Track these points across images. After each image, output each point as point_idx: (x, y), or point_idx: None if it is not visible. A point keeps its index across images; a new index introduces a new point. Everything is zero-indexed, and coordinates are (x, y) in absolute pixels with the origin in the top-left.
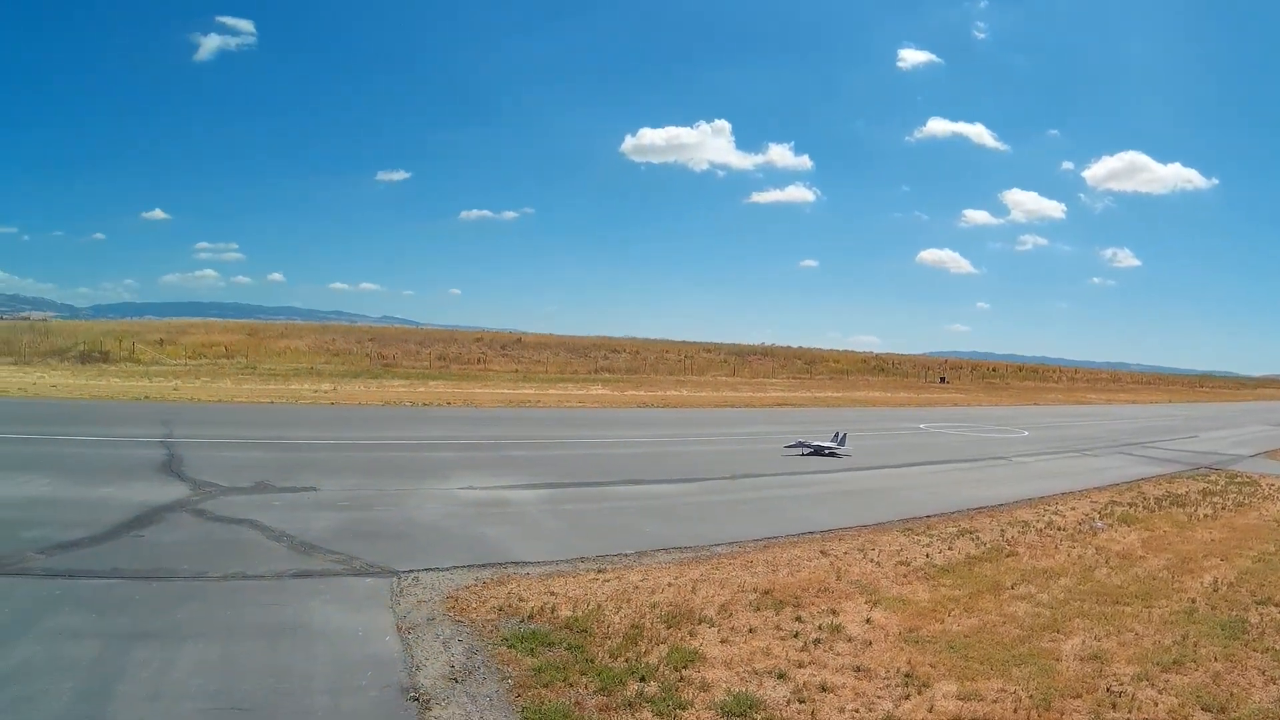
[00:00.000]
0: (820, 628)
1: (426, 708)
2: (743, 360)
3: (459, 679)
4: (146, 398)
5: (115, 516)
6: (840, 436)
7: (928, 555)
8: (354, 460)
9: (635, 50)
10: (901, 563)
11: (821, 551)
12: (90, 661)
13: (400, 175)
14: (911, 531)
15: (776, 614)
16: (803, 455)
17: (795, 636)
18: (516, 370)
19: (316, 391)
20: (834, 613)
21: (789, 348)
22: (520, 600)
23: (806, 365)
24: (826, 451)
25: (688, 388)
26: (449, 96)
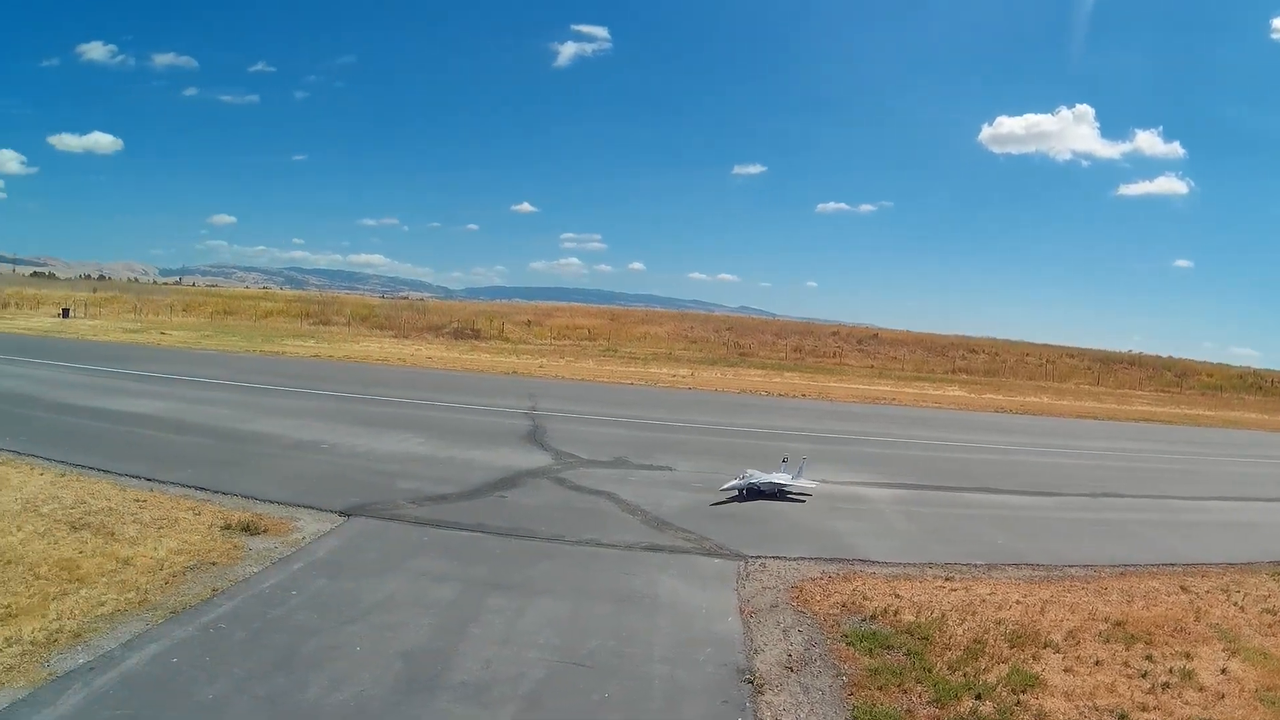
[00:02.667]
0: (1170, 671)
1: (760, 692)
2: (1107, 368)
3: (795, 668)
4: (514, 373)
5: (482, 477)
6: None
7: None
8: (709, 444)
9: (991, 34)
10: (1268, 610)
11: (1182, 587)
12: (448, 603)
13: (756, 169)
14: None
15: (1126, 649)
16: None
17: (1143, 676)
18: (871, 366)
19: (674, 376)
20: (1187, 656)
21: (1157, 357)
22: (864, 599)
23: (1176, 378)
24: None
25: (1048, 395)
26: (803, 90)
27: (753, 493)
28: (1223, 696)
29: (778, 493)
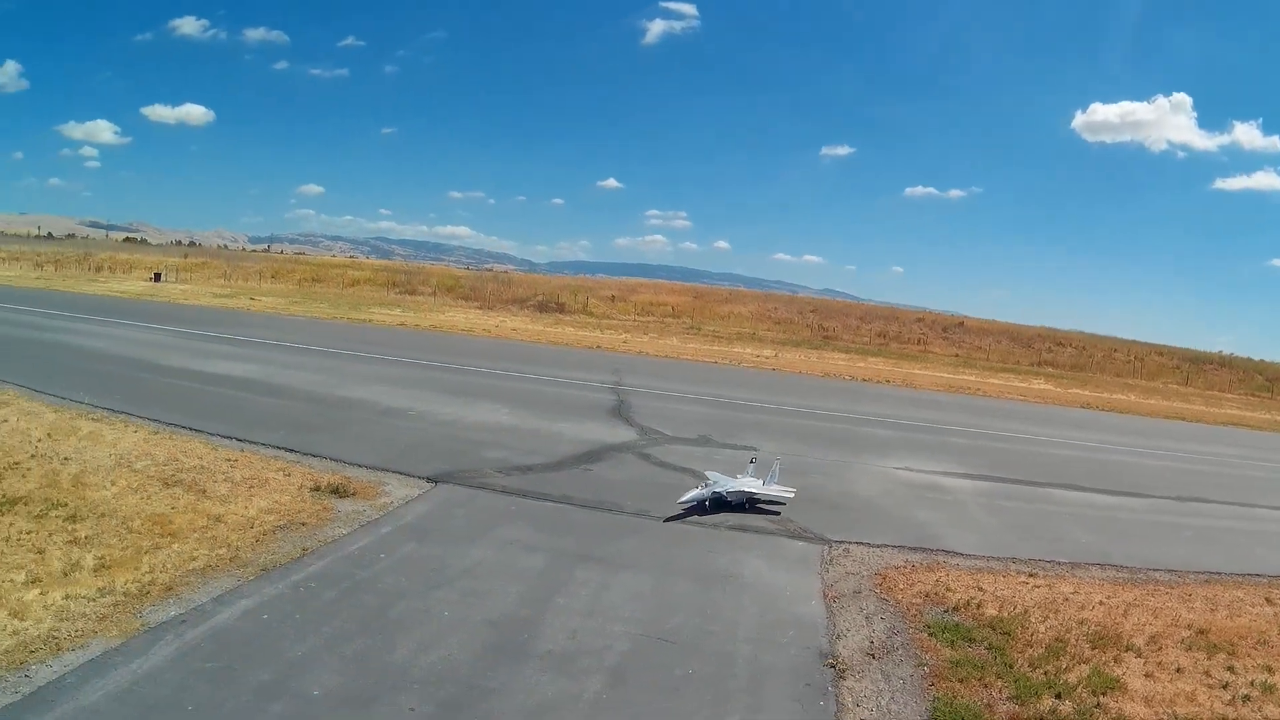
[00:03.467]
0: (1252, 684)
1: (842, 677)
2: (1196, 369)
3: (877, 656)
4: (598, 347)
5: (568, 449)
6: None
7: None
8: (793, 426)
9: (1087, 19)
10: None
11: (1267, 599)
12: (535, 572)
13: (844, 150)
14: None
15: (1208, 658)
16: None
17: (1224, 688)
18: (957, 355)
19: (758, 356)
20: (1269, 670)
21: (1249, 360)
22: (947, 590)
23: (1268, 382)
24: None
25: (1135, 393)
26: (893, 71)
27: (717, 503)
28: None
29: (746, 503)
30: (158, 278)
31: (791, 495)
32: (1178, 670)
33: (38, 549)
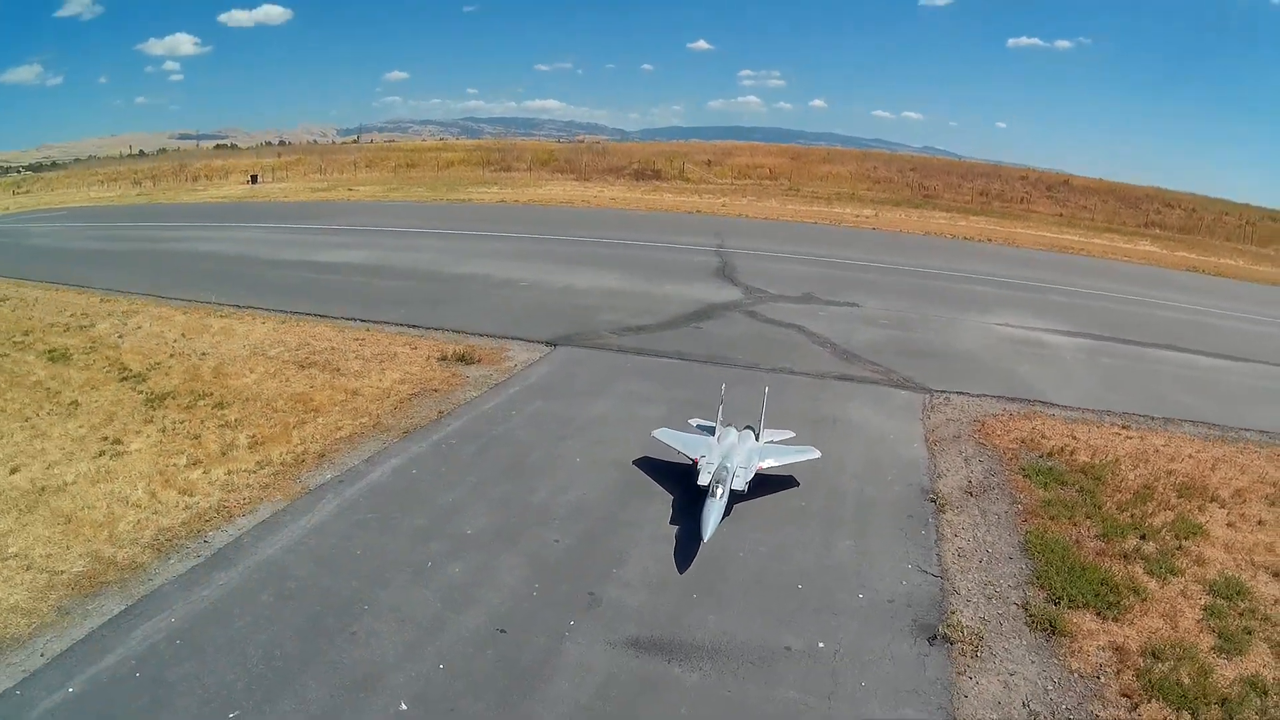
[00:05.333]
0: None
1: (941, 510)
2: None
3: (974, 494)
4: (697, 212)
5: (677, 309)
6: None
7: None
8: (895, 284)
9: None
10: None
11: None
12: (655, 420)
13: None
14: None
15: None
16: None
17: None
18: (1060, 214)
19: (858, 217)
20: None
21: None
22: (1042, 437)
23: None
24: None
25: (1245, 258)
26: None
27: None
28: None
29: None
30: (254, 180)
31: (809, 459)
32: (1259, 523)
33: (193, 435)
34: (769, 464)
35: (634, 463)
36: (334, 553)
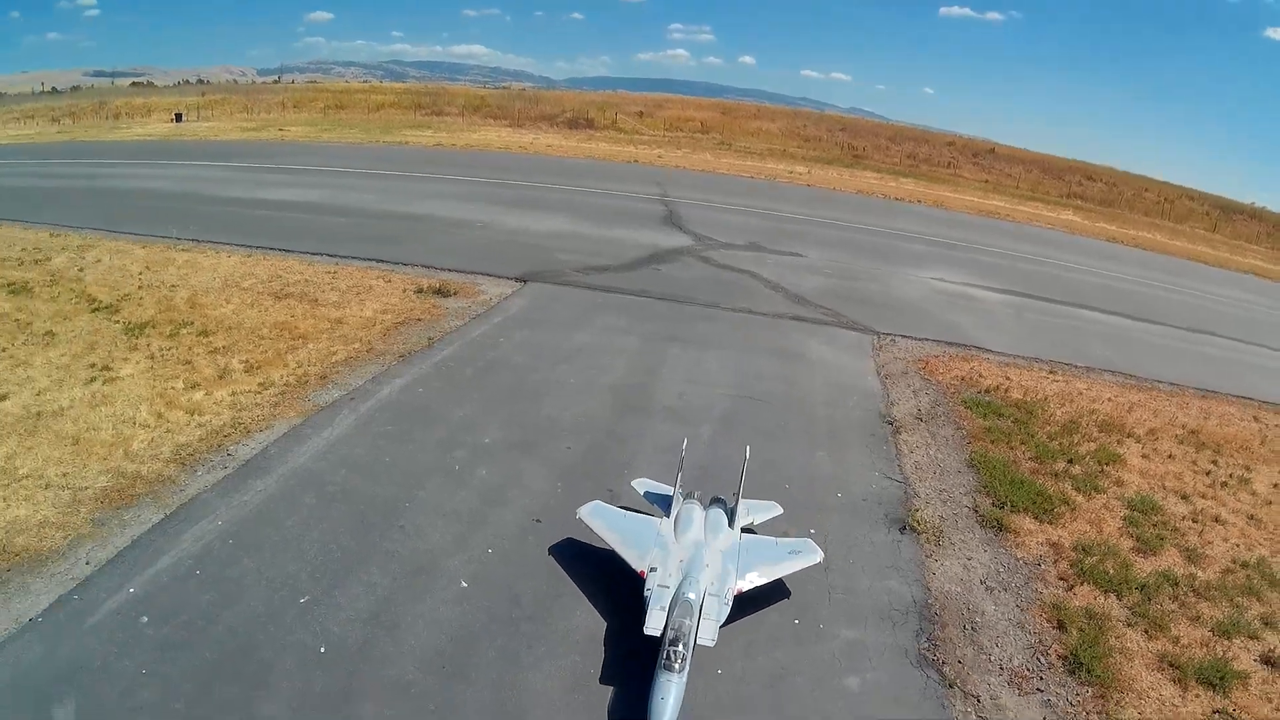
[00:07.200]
0: (1231, 476)
1: (897, 432)
2: (1226, 217)
3: (923, 419)
4: (636, 161)
5: (634, 253)
6: None
7: None
8: (835, 238)
9: None
10: None
11: (1255, 417)
12: (635, 350)
13: None
14: None
15: (1196, 452)
16: None
17: (1207, 474)
18: (986, 181)
19: (791, 173)
20: (1247, 469)
21: None
22: (980, 376)
23: None
24: None
25: (1162, 233)
26: None
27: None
28: (1271, 503)
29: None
30: (179, 118)
31: (818, 558)
32: (1170, 456)
33: (184, 360)
34: (753, 581)
35: (625, 386)
36: (365, 460)
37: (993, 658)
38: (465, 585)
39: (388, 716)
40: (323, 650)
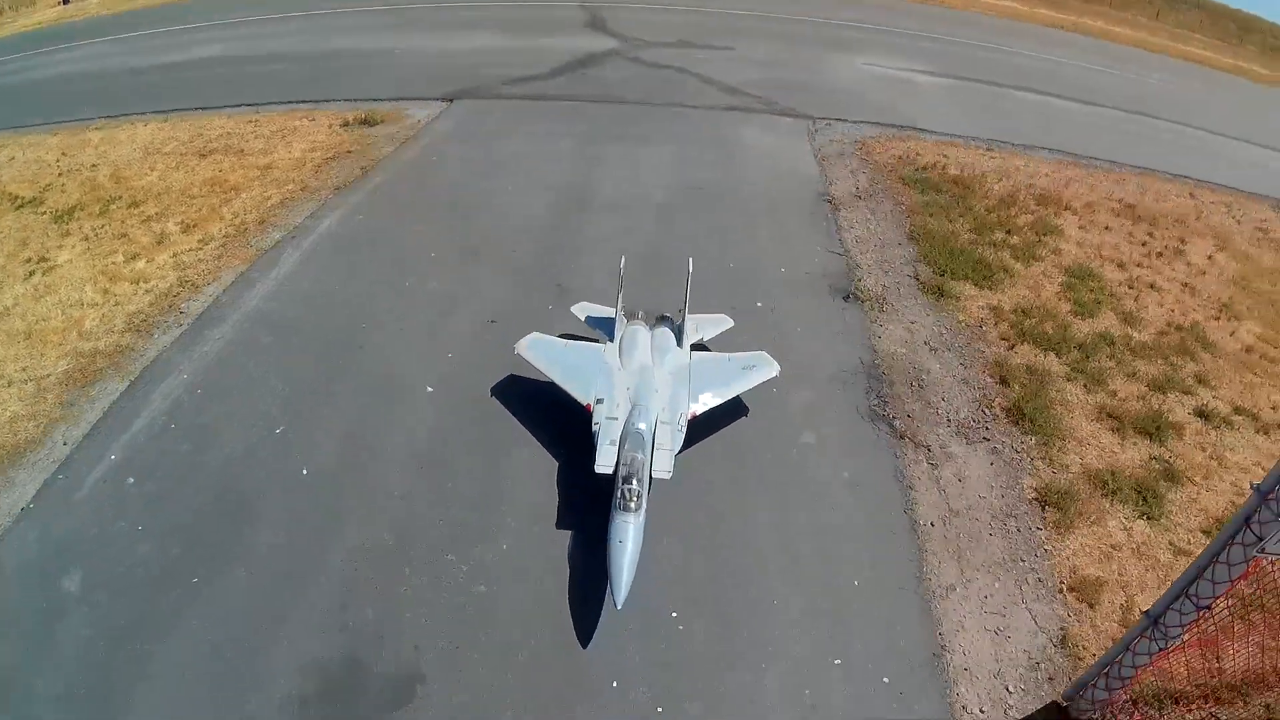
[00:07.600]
0: (1166, 247)
1: (837, 209)
2: (1170, 5)
3: (862, 197)
4: None
5: (559, 60)
6: None
7: None
8: (767, 29)
9: None
10: (1260, 229)
11: (1191, 194)
12: (570, 153)
13: None
14: None
15: (1132, 225)
16: None
17: (1142, 245)
18: None
19: None
20: (1182, 241)
21: (1225, 6)
22: (917, 155)
23: (1239, 30)
24: None
25: (1104, 20)
26: None
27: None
28: (1204, 273)
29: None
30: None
31: (774, 371)
32: (1106, 229)
33: (119, 235)
34: (707, 403)
35: (564, 185)
36: (314, 292)
37: (940, 411)
38: (430, 390)
39: (376, 519)
40: (305, 473)
